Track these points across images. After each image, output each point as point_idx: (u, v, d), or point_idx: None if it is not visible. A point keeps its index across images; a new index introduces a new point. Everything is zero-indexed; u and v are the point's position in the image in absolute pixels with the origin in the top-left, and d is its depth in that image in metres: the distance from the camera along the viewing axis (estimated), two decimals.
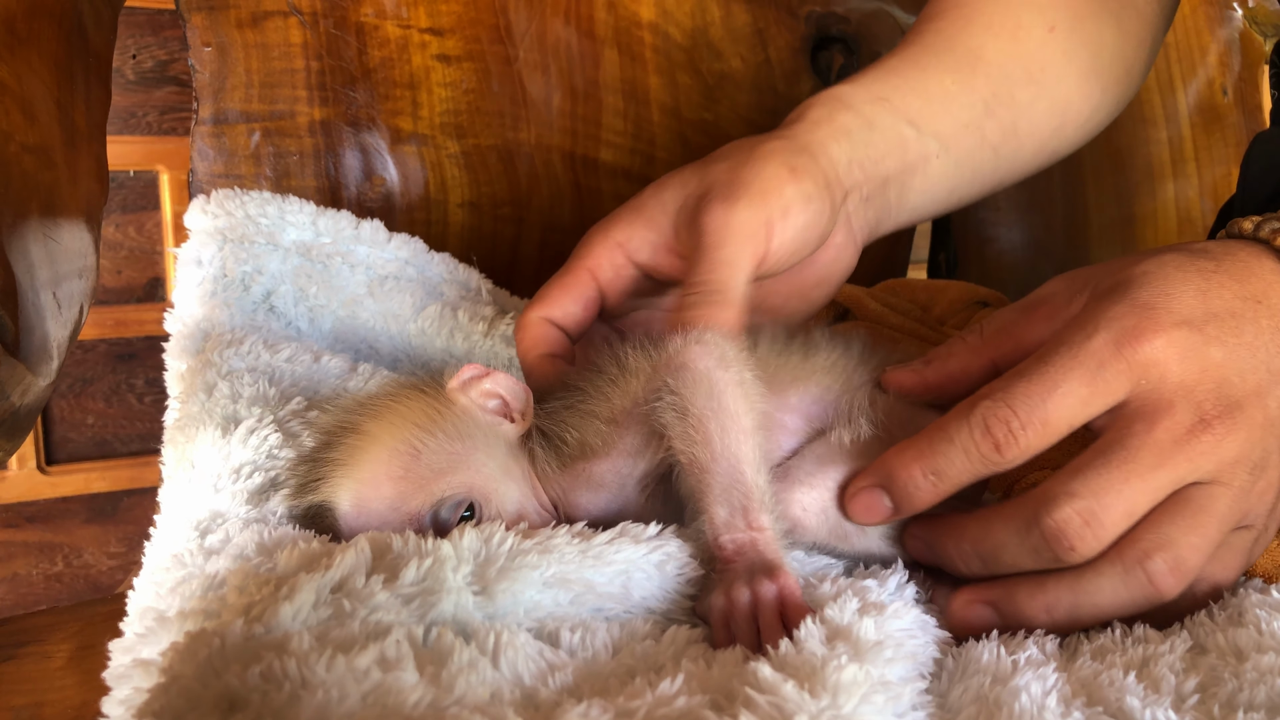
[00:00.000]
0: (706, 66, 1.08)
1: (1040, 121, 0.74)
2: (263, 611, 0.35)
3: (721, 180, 0.58)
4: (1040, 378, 0.45)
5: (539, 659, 0.37)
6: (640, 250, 0.62)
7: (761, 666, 0.34)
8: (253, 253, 0.79)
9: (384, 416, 0.53)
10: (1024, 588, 0.45)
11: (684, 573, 0.46)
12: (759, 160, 0.59)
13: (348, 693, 0.29)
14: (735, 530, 0.46)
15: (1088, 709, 0.38)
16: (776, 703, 0.32)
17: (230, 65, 0.88)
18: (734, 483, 0.47)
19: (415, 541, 0.41)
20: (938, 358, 0.54)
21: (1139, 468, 0.43)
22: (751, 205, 0.56)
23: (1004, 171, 0.74)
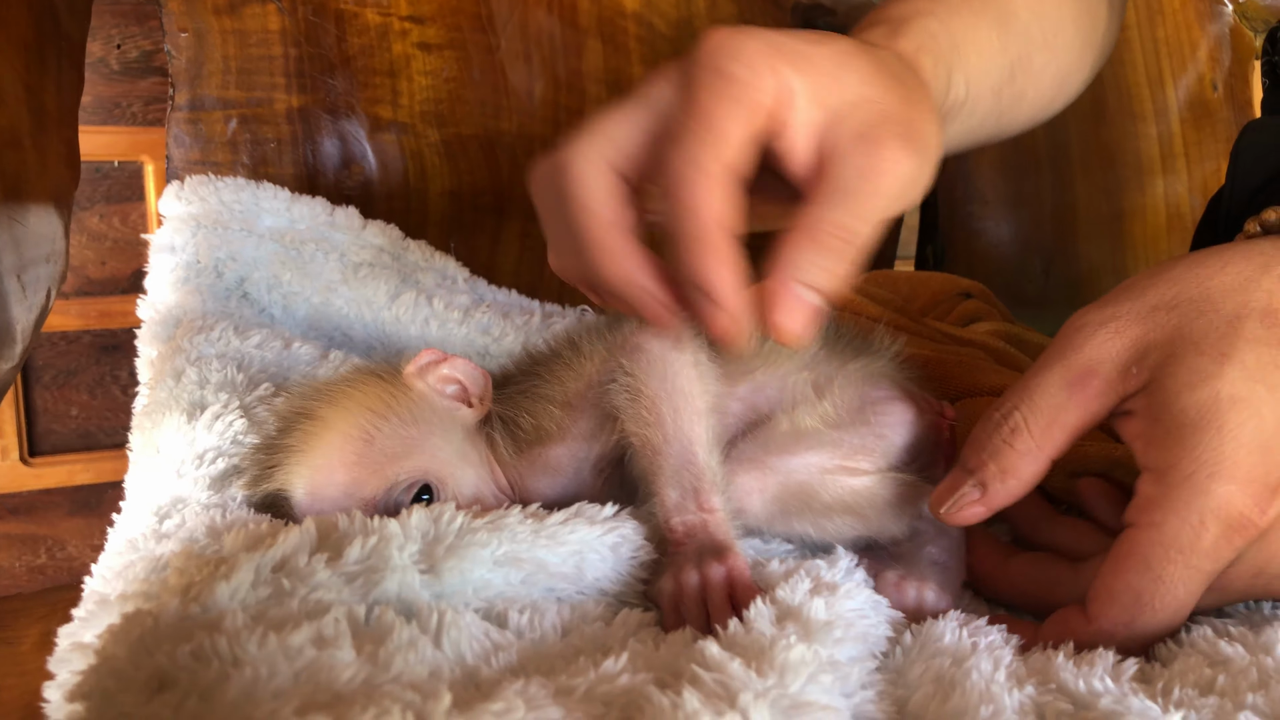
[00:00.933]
0: None
1: (1044, 90, 0.72)
2: (200, 591, 0.35)
3: (896, 111, 0.47)
4: (1162, 600, 0.42)
5: (484, 639, 0.36)
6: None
7: (709, 645, 0.34)
8: (226, 239, 0.78)
9: (339, 402, 0.53)
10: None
11: (638, 555, 0.45)
12: (927, 106, 0.50)
13: (278, 670, 0.28)
14: (686, 513, 0.46)
15: (1039, 687, 0.37)
16: (723, 680, 0.31)
17: (207, 51, 0.87)
18: (686, 465, 0.46)
19: (361, 520, 0.40)
20: (994, 478, 0.46)
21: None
22: (925, 164, 0.47)
23: (987, 137, 0.70)
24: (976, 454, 0.45)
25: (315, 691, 0.28)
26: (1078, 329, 0.45)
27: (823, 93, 0.46)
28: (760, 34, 0.46)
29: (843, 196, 0.44)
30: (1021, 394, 0.45)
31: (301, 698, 0.26)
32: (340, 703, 0.26)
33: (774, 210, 0.49)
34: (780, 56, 0.45)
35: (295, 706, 0.25)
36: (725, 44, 0.45)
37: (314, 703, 0.26)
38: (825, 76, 0.46)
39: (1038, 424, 0.45)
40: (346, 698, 0.26)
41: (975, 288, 0.93)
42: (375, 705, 0.25)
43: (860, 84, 0.47)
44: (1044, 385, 0.45)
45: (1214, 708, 0.36)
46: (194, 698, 0.27)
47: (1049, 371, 0.45)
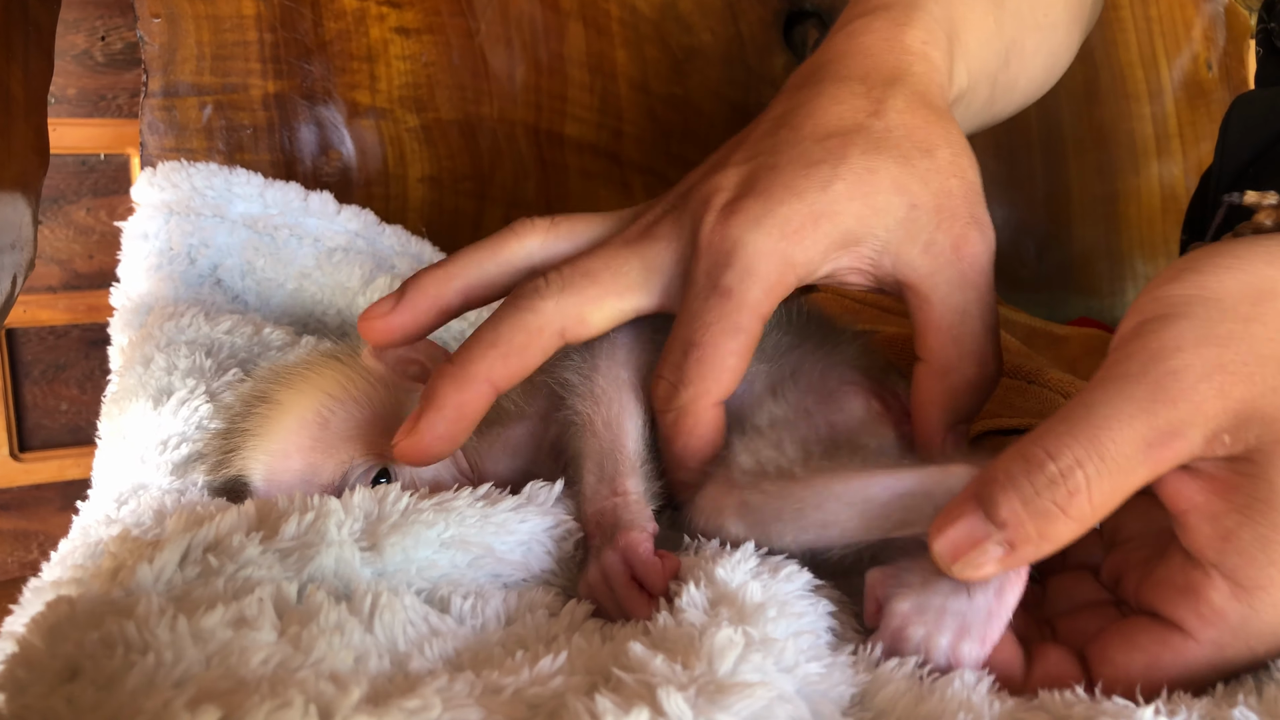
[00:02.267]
0: (675, 40, 1.06)
1: (1034, 76, 0.71)
2: (125, 574, 0.34)
3: (956, 198, 0.47)
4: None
5: (421, 624, 0.35)
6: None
7: (634, 644, 0.32)
8: (199, 226, 0.77)
9: (295, 386, 0.52)
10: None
11: (579, 552, 0.44)
12: (960, 153, 0.49)
13: (184, 655, 0.27)
14: (599, 499, 0.44)
15: (1023, 703, 0.35)
16: (644, 679, 0.30)
17: (180, 37, 0.86)
18: (613, 448, 0.45)
19: (301, 498, 0.39)
20: (1029, 540, 0.36)
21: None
22: (990, 229, 0.48)
23: (978, 126, 0.69)
24: (1012, 507, 0.34)
25: (222, 678, 0.26)
26: (1174, 372, 0.34)
27: (851, 237, 0.46)
28: (764, 217, 0.45)
29: (961, 315, 0.45)
30: (1089, 445, 0.34)
31: (202, 686, 0.25)
32: (240, 691, 0.24)
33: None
34: (790, 240, 0.45)
35: (191, 696, 0.24)
36: (727, 245, 0.45)
37: (211, 691, 0.25)
38: (849, 220, 0.45)
39: (1102, 488, 0.34)
40: (251, 685, 0.25)
41: None
42: (278, 696, 0.24)
43: (895, 197, 0.46)
44: (1120, 440, 0.34)
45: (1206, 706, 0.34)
46: (93, 688, 0.26)
47: (1128, 423, 0.34)
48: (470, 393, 0.44)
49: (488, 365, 0.45)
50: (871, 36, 0.53)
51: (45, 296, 1.44)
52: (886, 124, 0.48)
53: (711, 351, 0.44)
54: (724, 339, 0.44)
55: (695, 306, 0.45)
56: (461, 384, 0.44)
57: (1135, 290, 1.29)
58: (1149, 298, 0.37)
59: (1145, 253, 1.30)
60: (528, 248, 0.51)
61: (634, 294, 0.47)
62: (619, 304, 0.47)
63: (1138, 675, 0.35)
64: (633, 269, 0.47)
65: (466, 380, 0.44)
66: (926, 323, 0.46)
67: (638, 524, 0.43)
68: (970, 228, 0.46)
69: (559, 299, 0.46)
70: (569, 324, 0.46)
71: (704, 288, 0.45)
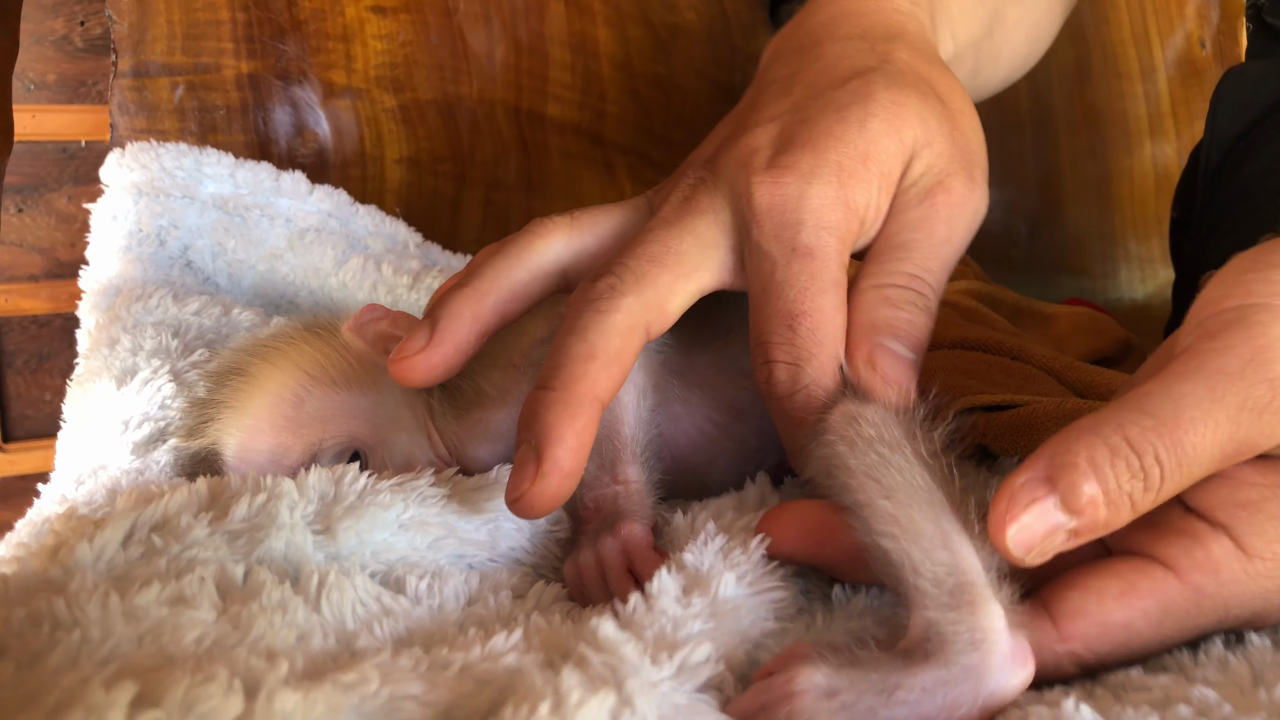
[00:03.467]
0: (659, 19, 1.04)
1: (1018, 47, 0.70)
2: (65, 553, 0.32)
3: (958, 147, 0.45)
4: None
5: (373, 604, 0.34)
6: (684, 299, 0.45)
7: (604, 623, 0.31)
8: (169, 206, 0.75)
9: (273, 360, 0.51)
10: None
11: (556, 528, 0.43)
12: (966, 109, 0.48)
13: (113, 632, 0.26)
14: (599, 486, 0.43)
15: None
16: (612, 664, 0.28)
17: (150, 16, 0.85)
18: (610, 435, 0.44)
19: (254, 478, 0.38)
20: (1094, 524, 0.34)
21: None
22: (985, 189, 0.45)
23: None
24: (1093, 496, 0.32)
25: (150, 656, 0.25)
26: (1273, 381, 0.32)
27: (890, 177, 0.44)
28: (818, 169, 0.42)
29: (900, 248, 0.43)
30: (1173, 446, 0.32)
31: (126, 663, 0.24)
32: (163, 668, 0.23)
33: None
34: (849, 183, 0.42)
35: (110, 674, 0.23)
36: (789, 205, 0.42)
37: (132, 668, 0.23)
38: (890, 160, 0.44)
39: (1173, 486, 0.32)
40: (178, 662, 0.24)
41: None
42: (201, 671, 0.23)
43: (917, 129, 0.44)
44: (1204, 446, 0.32)
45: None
46: (14, 666, 0.25)
47: (1215, 429, 0.32)
48: (585, 417, 0.39)
49: (592, 381, 0.39)
50: (863, 3, 0.52)
51: (27, 285, 1.42)
52: (899, 66, 0.47)
53: (820, 316, 0.41)
54: (826, 297, 0.41)
55: (781, 276, 0.41)
56: (575, 410, 0.38)
57: (1128, 271, 1.28)
58: (1259, 277, 0.34)
59: (1138, 233, 1.29)
60: (554, 249, 0.47)
61: (698, 274, 0.43)
62: (688, 286, 0.43)
63: (1109, 602, 0.34)
64: (688, 248, 0.43)
65: (578, 403, 0.39)
66: (868, 252, 0.45)
67: (639, 514, 0.42)
68: (957, 178, 0.44)
69: (639, 293, 0.41)
70: (652, 318, 0.42)
71: (783, 254, 0.41)
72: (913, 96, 0.45)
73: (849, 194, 0.42)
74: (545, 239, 0.47)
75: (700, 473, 0.49)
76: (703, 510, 0.42)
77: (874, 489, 0.34)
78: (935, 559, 0.32)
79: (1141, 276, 1.28)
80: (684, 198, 0.46)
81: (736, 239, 0.44)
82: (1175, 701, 0.29)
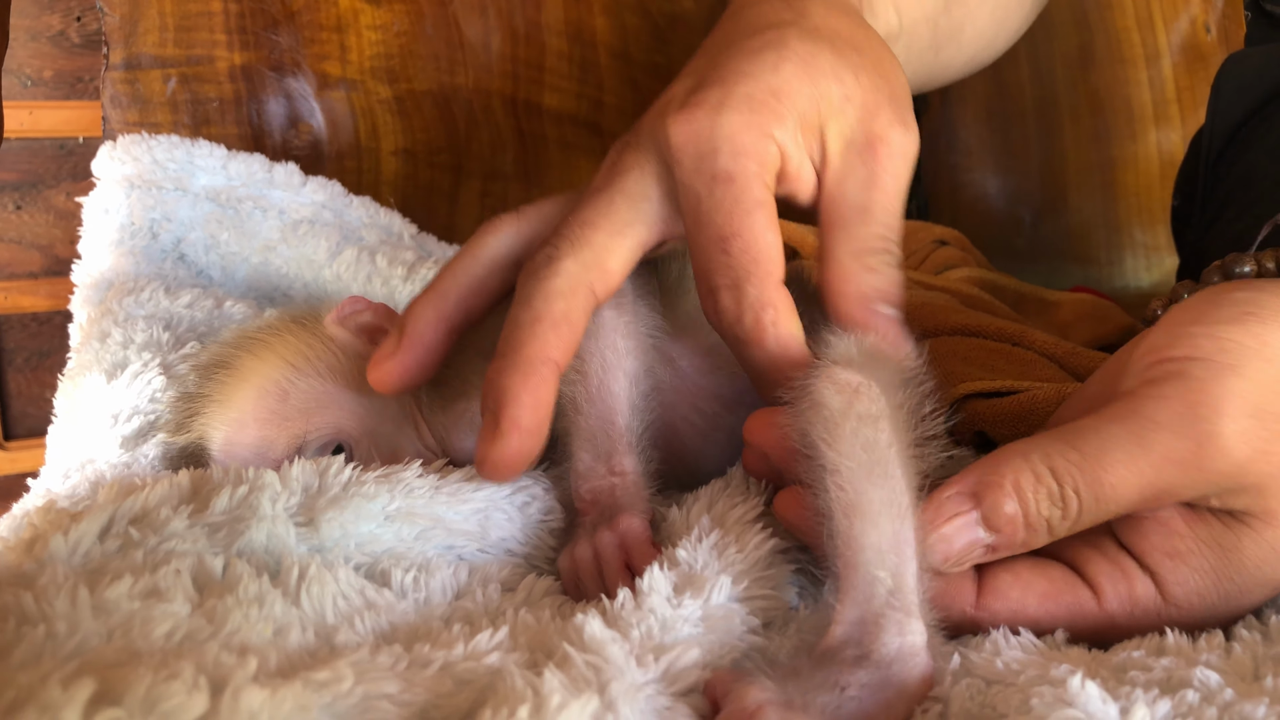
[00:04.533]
0: (657, 7, 1.03)
1: (982, 28, 0.70)
2: (40, 546, 0.32)
3: (873, 96, 0.45)
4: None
5: (355, 597, 0.33)
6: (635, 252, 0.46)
7: (591, 620, 0.30)
8: (160, 199, 0.75)
9: (257, 352, 0.50)
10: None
11: (549, 518, 0.42)
12: (886, 56, 0.48)
13: (80, 627, 0.25)
14: (595, 478, 0.42)
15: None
16: (596, 665, 0.27)
17: (142, 8, 0.84)
18: (604, 426, 0.43)
19: (236, 471, 0.37)
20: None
21: None
22: (915, 130, 0.45)
23: (927, 76, 0.68)
24: (1012, 518, 0.34)
25: (117, 652, 0.24)
26: (1207, 439, 0.33)
27: (808, 119, 0.44)
28: (725, 97, 0.43)
29: (862, 212, 0.43)
30: (1094, 484, 0.34)
31: (88, 660, 0.23)
32: (127, 664, 0.22)
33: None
34: (760, 113, 0.43)
35: (70, 671, 0.22)
36: (703, 135, 0.42)
37: (96, 665, 0.22)
38: (804, 101, 0.44)
39: (1089, 518, 0.35)
40: (144, 658, 0.23)
41: (950, 234, 0.89)
42: (166, 668, 0.22)
43: (833, 84, 0.45)
44: (1125, 488, 0.34)
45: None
46: None
47: (1139, 475, 0.34)
48: (538, 377, 0.40)
49: (541, 342, 0.41)
50: None
51: (27, 283, 1.42)
52: (814, 23, 0.47)
53: (750, 234, 0.41)
54: (752, 218, 0.41)
55: (705, 205, 0.42)
56: (526, 370, 0.40)
57: (1134, 259, 1.27)
58: (1203, 331, 0.35)
59: (1143, 221, 1.27)
60: (502, 239, 0.48)
61: (632, 229, 0.44)
62: (625, 243, 0.44)
63: (1032, 601, 0.36)
64: (619, 206, 0.44)
65: (528, 364, 0.40)
66: (826, 218, 0.45)
67: (637, 507, 0.41)
68: (892, 128, 0.44)
69: (575, 255, 0.43)
70: (594, 277, 0.43)
71: (703, 184, 0.42)
72: (827, 51, 0.45)
73: (761, 121, 0.43)
74: (494, 233, 0.49)
75: (690, 463, 0.48)
76: (696, 502, 0.41)
77: (847, 469, 0.34)
78: (885, 559, 0.33)
79: (1147, 264, 1.27)
80: (611, 164, 0.47)
81: (667, 186, 0.44)
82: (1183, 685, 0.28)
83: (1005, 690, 0.30)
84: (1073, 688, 0.27)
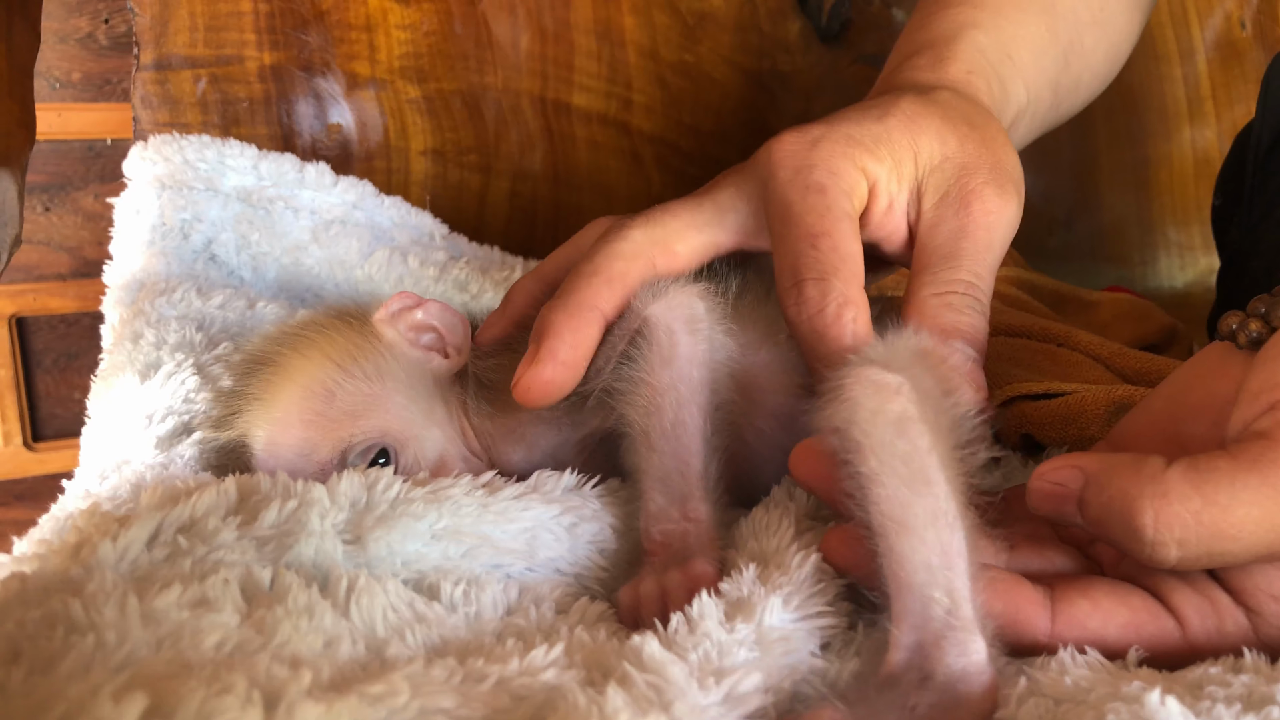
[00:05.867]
0: (686, 5, 1.02)
1: (1098, 69, 0.69)
2: (88, 552, 0.31)
3: (975, 159, 0.47)
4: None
5: (405, 609, 0.32)
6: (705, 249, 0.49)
7: (649, 642, 0.29)
8: (191, 199, 0.74)
9: (303, 350, 0.49)
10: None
11: (597, 539, 0.41)
12: (1002, 138, 0.49)
13: (129, 636, 0.25)
14: (668, 520, 0.41)
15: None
16: (658, 685, 0.27)
17: (172, 8, 0.84)
18: (679, 467, 0.42)
19: (285, 483, 0.36)
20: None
21: None
22: (1019, 201, 0.47)
23: (1046, 129, 0.68)
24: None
25: (169, 662, 0.24)
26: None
27: (902, 168, 0.47)
28: (828, 132, 0.46)
29: (949, 258, 0.45)
30: (1208, 529, 0.31)
31: (139, 671, 0.23)
32: (178, 677, 0.22)
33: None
34: (856, 148, 0.46)
35: (121, 683, 0.21)
36: (800, 153, 0.45)
37: (147, 677, 0.22)
38: (902, 150, 0.47)
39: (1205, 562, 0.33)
40: (195, 670, 0.23)
41: None
42: (219, 681, 0.21)
43: (935, 143, 0.47)
44: (1245, 539, 0.32)
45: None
46: (29, 671, 0.23)
47: (1257, 526, 0.32)
48: (582, 319, 0.44)
49: (593, 292, 0.44)
50: (916, 73, 0.55)
51: (55, 284, 1.42)
52: (936, 96, 0.50)
53: (839, 235, 0.43)
54: (841, 224, 0.43)
55: (798, 208, 0.44)
56: (573, 312, 0.44)
57: (1168, 259, 1.25)
58: None
59: (1177, 220, 1.26)
60: (600, 230, 0.51)
61: (711, 229, 0.47)
62: (700, 236, 0.47)
63: (1112, 632, 0.35)
64: (705, 208, 0.48)
65: (577, 308, 0.44)
66: (915, 265, 0.47)
67: (709, 553, 0.41)
68: (988, 187, 0.46)
69: (646, 229, 0.46)
70: (658, 253, 0.46)
71: (797, 192, 0.44)
72: (937, 115, 0.48)
73: (856, 154, 0.45)
74: (595, 226, 0.53)
75: (743, 483, 0.47)
76: (738, 531, 0.41)
77: (887, 478, 0.33)
78: (937, 576, 0.32)
79: (1181, 264, 1.25)
80: (712, 182, 0.50)
81: (758, 203, 0.47)
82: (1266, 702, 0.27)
83: (1076, 709, 0.28)
84: (1151, 704, 0.26)
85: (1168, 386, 0.41)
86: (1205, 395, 0.39)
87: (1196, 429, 0.38)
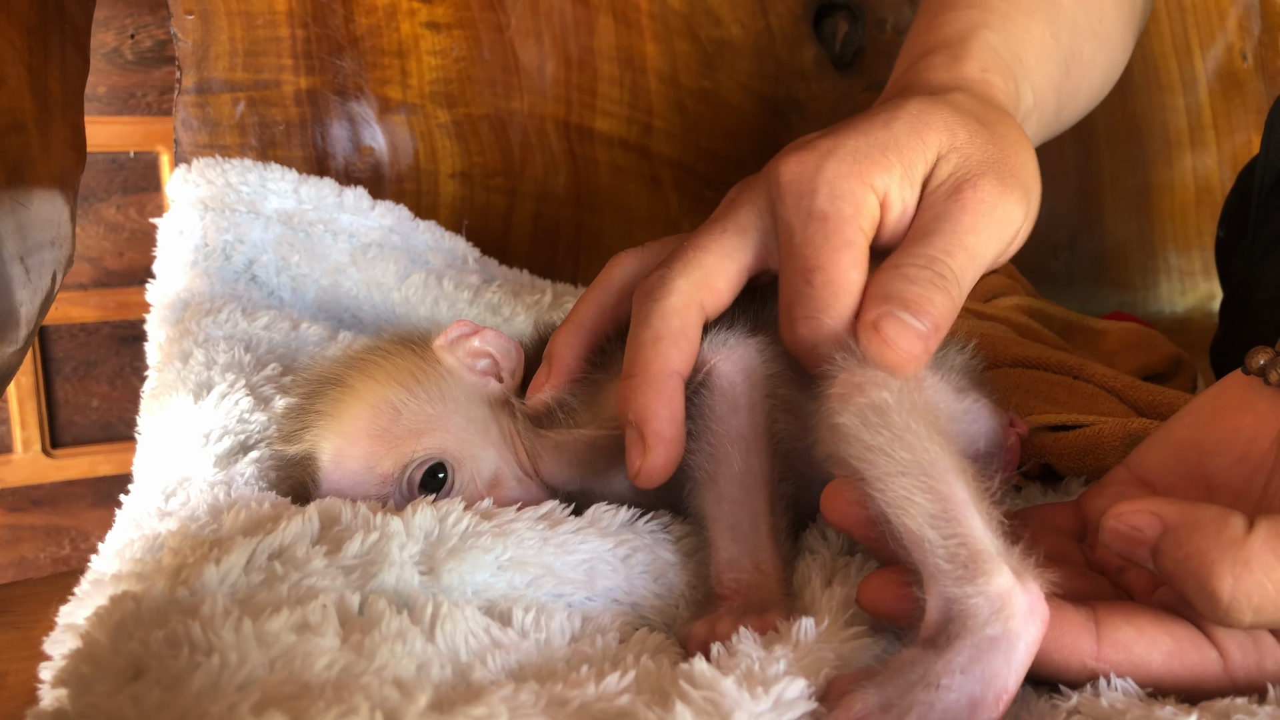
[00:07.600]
0: (705, 33, 1.05)
1: (1094, 81, 0.70)
2: (190, 574, 0.34)
3: (982, 153, 0.46)
4: None
5: (483, 635, 0.35)
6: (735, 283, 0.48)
7: (697, 661, 0.32)
8: (234, 221, 0.77)
9: (369, 372, 0.52)
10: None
11: (651, 569, 0.44)
12: (1018, 140, 0.49)
13: (249, 657, 0.27)
14: (739, 570, 0.43)
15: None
16: (714, 699, 0.29)
17: (213, 33, 0.86)
18: (750, 517, 0.43)
19: (365, 515, 0.39)
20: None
21: None
22: (1021, 200, 0.46)
23: (1044, 139, 0.68)
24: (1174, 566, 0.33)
25: (285, 682, 0.26)
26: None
27: (913, 170, 0.46)
28: (835, 147, 0.45)
29: (921, 237, 0.44)
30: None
31: (266, 689, 0.25)
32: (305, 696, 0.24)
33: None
34: (864, 163, 0.45)
35: (255, 700, 0.23)
36: (806, 176, 0.45)
37: (276, 696, 0.24)
38: (911, 153, 0.46)
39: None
40: (315, 690, 0.25)
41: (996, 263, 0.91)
42: (343, 702, 0.24)
43: (943, 136, 0.46)
44: None
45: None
46: (158, 688, 0.26)
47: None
48: (668, 391, 0.44)
49: (665, 359, 0.44)
50: (931, 72, 0.54)
51: (76, 294, 1.44)
52: (947, 98, 0.49)
53: (833, 269, 0.43)
54: (839, 255, 0.43)
55: (798, 238, 0.44)
56: (658, 387, 0.44)
57: (1168, 284, 1.28)
58: None
59: (1178, 245, 1.28)
60: (625, 269, 0.52)
61: (739, 254, 0.47)
62: (732, 266, 0.47)
63: (1157, 659, 0.35)
64: (728, 234, 0.48)
65: (658, 379, 0.44)
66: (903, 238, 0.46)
67: (781, 605, 0.42)
68: (986, 178, 0.45)
69: (687, 275, 0.46)
70: (705, 295, 0.46)
71: (799, 219, 0.44)
72: (945, 110, 0.47)
73: (863, 170, 0.45)
74: (619, 265, 0.53)
75: (799, 500, 0.49)
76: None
77: (883, 464, 0.35)
78: (946, 534, 0.34)
79: (1182, 289, 1.28)
80: (729, 200, 0.50)
81: (770, 222, 0.47)
82: None
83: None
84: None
85: (1188, 416, 0.43)
86: (1229, 430, 0.40)
87: (1221, 463, 0.40)
